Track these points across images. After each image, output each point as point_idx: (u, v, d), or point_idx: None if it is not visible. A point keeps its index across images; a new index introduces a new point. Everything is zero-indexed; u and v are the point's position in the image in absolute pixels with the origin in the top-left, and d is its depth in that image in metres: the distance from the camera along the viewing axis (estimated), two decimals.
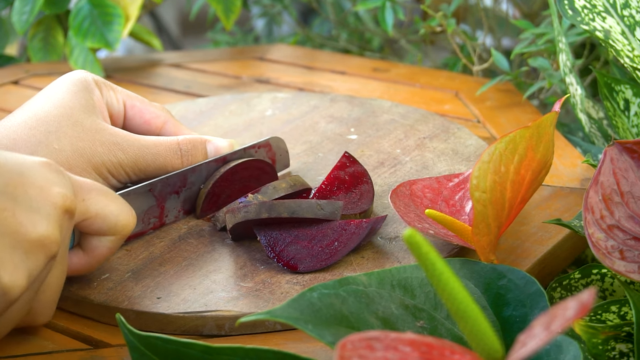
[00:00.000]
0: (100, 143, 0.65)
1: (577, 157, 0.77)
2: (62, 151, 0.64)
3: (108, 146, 0.66)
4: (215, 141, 0.70)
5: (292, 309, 0.49)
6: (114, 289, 0.61)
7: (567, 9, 0.72)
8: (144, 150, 0.67)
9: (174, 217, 0.68)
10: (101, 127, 0.66)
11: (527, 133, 0.57)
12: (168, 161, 0.68)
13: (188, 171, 0.68)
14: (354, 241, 0.62)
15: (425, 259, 0.44)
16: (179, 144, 0.68)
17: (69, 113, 0.66)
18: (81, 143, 0.65)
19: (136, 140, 0.67)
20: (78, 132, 0.65)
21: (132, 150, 0.66)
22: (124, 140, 0.66)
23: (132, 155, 0.66)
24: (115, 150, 0.66)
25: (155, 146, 0.67)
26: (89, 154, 0.65)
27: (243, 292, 0.60)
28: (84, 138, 0.65)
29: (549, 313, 0.42)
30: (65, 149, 0.64)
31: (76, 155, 0.65)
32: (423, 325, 0.52)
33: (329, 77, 0.98)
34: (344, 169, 0.69)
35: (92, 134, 0.65)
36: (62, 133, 0.65)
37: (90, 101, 0.67)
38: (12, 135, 0.65)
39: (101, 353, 0.57)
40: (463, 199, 0.66)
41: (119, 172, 0.66)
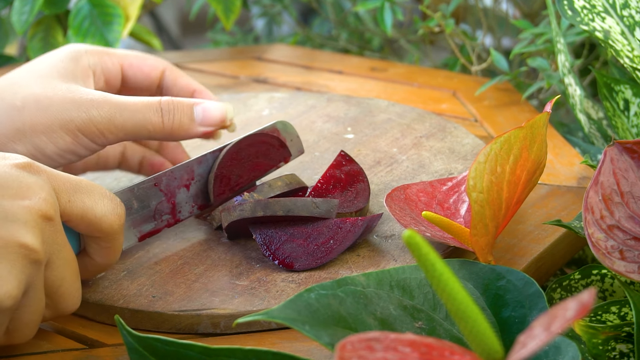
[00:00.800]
0: (71, 100, 0.63)
1: (575, 156, 0.77)
2: (24, 109, 0.62)
3: (79, 103, 0.63)
4: (204, 104, 0.66)
5: (290, 310, 0.48)
6: (110, 288, 0.61)
7: (566, 9, 0.72)
8: (120, 106, 0.63)
9: (189, 212, 0.66)
10: (74, 88, 0.64)
11: (521, 133, 0.57)
12: (147, 118, 0.63)
13: (193, 162, 0.66)
14: (349, 239, 0.62)
15: (425, 259, 0.44)
16: (160, 102, 0.64)
17: (43, 79, 0.64)
18: (47, 101, 0.62)
19: (113, 98, 0.64)
20: (47, 91, 0.63)
21: (108, 106, 0.63)
22: (100, 97, 0.63)
23: (107, 112, 0.63)
24: (87, 107, 0.63)
25: (134, 103, 0.64)
26: (56, 111, 0.62)
27: (238, 290, 0.60)
28: (52, 97, 0.63)
29: (549, 313, 0.42)
30: (29, 106, 0.62)
31: (40, 113, 0.62)
32: (421, 326, 0.52)
33: (326, 77, 0.98)
34: (339, 168, 0.69)
35: (63, 92, 0.63)
36: (29, 92, 0.63)
37: (71, 69, 0.65)
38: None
39: (97, 353, 0.57)
40: (457, 202, 0.66)
41: (92, 130, 0.63)
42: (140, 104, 0.64)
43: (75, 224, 0.55)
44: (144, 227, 0.63)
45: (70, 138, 0.63)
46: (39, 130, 0.62)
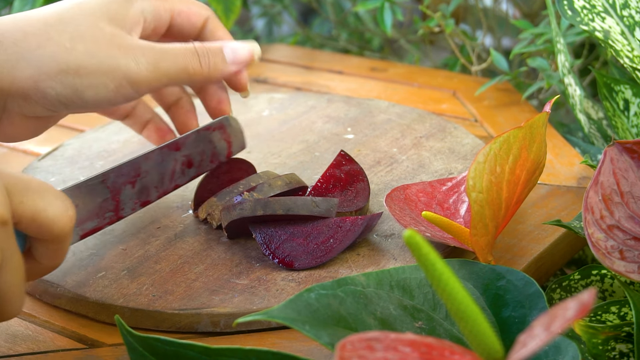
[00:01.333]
0: (118, 46, 0.62)
1: (574, 156, 0.77)
2: (72, 50, 0.61)
3: (126, 49, 0.62)
4: (232, 45, 0.67)
5: (290, 310, 0.48)
6: (110, 287, 0.61)
7: (566, 9, 0.72)
8: (163, 52, 0.63)
9: (131, 209, 0.64)
10: (121, 35, 0.63)
11: (521, 133, 0.57)
12: (188, 62, 0.64)
13: (141, 159, 0.64)
14: (349, 238, 0.62)
15: (425, 259, 0.44)
16: (194, 46, 0.65)
17: (91, 18, 0.62)
18: (95, 46, 0.61)
19: (156, 45, 0.63)
20: (96, 36, 0.61)
21: (152, 53, 0.63)
22: (145, 45, 0.63)
23: (153, 58, 0.63)
24: (134, 54, 0.62)
25: (175, 48, 0.64)
26: (104, 57, 0.61)
27: (238, 289, 0.60)
28: (100, 42, 0.61)
29: (549, 313, 0.42)
30: (77, 48, 0.61)
31: (87, 57, 0.61)
32: (421, 325, 0.52)
33: (326, 77, 0.98)
34: (339, 167, 0.69)
35: (110, 37, 0.62)
36: (78, 34, 0.61)
37: (122, 13, 0.64)
38: (26, 28, 0.61)
39: (96, 352, 0.57)
40: (457, 202, 0.66)
41: (137, 78, 0.62)
42: (181, 49, 0.64)
43: (25, 226, 0.51)
44: (87, 225, 0.62)
45: (114, 85, 0.62)
46: (82, 73, 0.61)
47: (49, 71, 0.60)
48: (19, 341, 0.59)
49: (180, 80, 0.64)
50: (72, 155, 0.81)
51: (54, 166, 0.79)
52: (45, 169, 0.78)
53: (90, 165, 0.78)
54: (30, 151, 0.86)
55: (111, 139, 0.83)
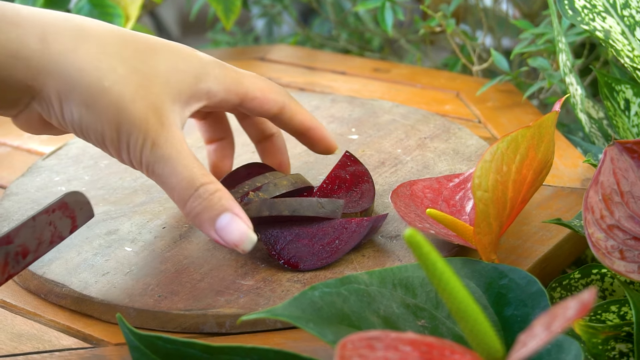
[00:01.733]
0: (145, 119, 0.58)
1: (578, 157, 0.77)
2: (108, 91, 0.57)
3: (148, 124, 0.57)
4: (233, 219, 0.58)
5: (294, 308, 0.49)
6: (115, 287, 0.61)
7: (567, 9, 0.72)
8: (172, 164, 0.58)
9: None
10: (164, 108, 0.59)
11: (529, 133, 0.57)
12: (181, 191, 0.58)
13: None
14: (354, 239, 0.62)
15: (425, 258, 0.44)
16: (200, 186, 0.58)
17: (150, 76, 0.59)
18: (130, 102, 0.57)
19: (177, 151, 0.58)
20: (139, 93, 0.58)
21: (161, 151, 0.58)
22: (168, 139, 0.58)
23: (157, 155, 0.58)
24: (152, 133, 0.58)
25: (185, 171, 0.58)
26: (127, 114, 0.57)
27: (244, 290, 0.60)
28: (137, 100, 0.58)
29: (550, 313, 0.42)
30: (112, 91, 0.57)
31: (114, 106, 0.57)
32: (424, 324, 0.52)
33: (329, 78, 0.99)
34: (344, 168, 0.69)
35: (151, 103, 0.58)
36: (125, 79, 0.58)
37: (184, 87, 0.60)
38: (79, 41, 0.58)
39: (102, 352, 0.57)
40: (463, 199, 0.66)
41: (130, 156, 0.58)
42: (188, 178, 0.58)
43: None
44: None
45: (110, 140, 0.59)
46: (98, 113, 0.58)
47: (77, 98, 0.58)
48: (24, 340, 0.59)
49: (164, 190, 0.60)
50: (76, 154, 0.81)
51: (58, 165, 0.79)
52: (49, 168, 0.79)
53: (95, 165, 0.78)
54: (34, 150, 0.87)
55: None
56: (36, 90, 0.58)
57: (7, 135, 0.90)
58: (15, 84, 0.57)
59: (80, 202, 0.60)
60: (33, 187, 0.76)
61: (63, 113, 0.58)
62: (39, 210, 0.58)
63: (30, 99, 0.58)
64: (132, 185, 0.74)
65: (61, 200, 0.59)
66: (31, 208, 0.72)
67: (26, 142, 0.88)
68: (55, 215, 0.59)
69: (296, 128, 0.67)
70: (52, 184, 0.76)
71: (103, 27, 0.60)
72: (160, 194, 0.72)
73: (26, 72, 0.57)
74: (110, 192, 0.74)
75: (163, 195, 0.72)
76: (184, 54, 0.61)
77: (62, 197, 0.59)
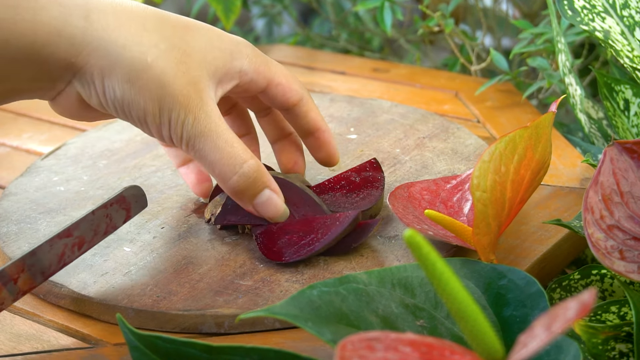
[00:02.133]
0: (187, 94, 0.59)
1: (577, 157, 0.77)
2: (151, 67, 0.58)
3: (189, 100, 0.59)
4: (273, 194, 0.62)
5: (292, 307, 0.49)
6: (114, 287, 0.61)
7: (566, 9, 0.72)
8: (218, 137, 0.60)
9: (12, 300, 0.58)
10: (202, 86, 0.60)
11: (526, 133, 0.57)
12: (228, 167, 0.60)
13: (27, 256, 0.59)
14: (335, 232, 0.62)
15: (425, 259, 0.44)
16: (246, 163, 0.61)
17: (186, 53, 0.60)
18: (170, 76, 0.59)
19: (223, 128, 0.60)
20: (178, 68, 0.59)
21: (207, 127, 0.59)
22: (211, 115, 0.60)
23: (201, 129, 0.59)
24: (194, 110, 0.59)
25: (233, 147, 0.60)
26: (167, 91, 0.59)
27: (242, 290, 0.60)
28: (178, 76, 0.59)
29: (550, 313, 0.42)
30: (156, 66, 0.58)
31: (155, 82, 0.58)
32: (423, 324, 0.52)
33: (329, 77, 0.98)
34: (359, 172, 0.69)
35: (189, 81, 0.59)
36: (163, 55, 0.59)
37: (219, 64, 0.61)
38: (123, 19, 0.58)
39: (100, 352, 0.57)
40: (461, 200, 0.66)
41: (173, 132, 0.60)
42: (237, 154, 0.60)
43: None
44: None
45: (152, 117, 0.60)
46: (141, 91, 0.59)
47: (120, 74, 0.58)
48: (23, 340, 0.59)
49: (200, 165, 0.63)
50: (75, 154, 0.81)
51: (57, 165, 0.79)
52: (48, 168, 0.78)
53: (93, 165, 0.78)
54: (33, 150, 0.87)
55: (114, 138, 0.83)
56: (78, 67, 0.58)
57: (6, 136, 0.90)
58: (57, 61, 0.57)
59: (137, 195, 0.64)
60: (32, 187, 0.75)
61: (105, 90, 0.58)
62: (98, 205, 0.61)
63: (72, 76, 0.58)
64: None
65: (120, 195, 0.62)
66: (30, 208, 0.72)
67: (25, 142, 0.88)
68: (112, 208, 0.62)
69: (308, 125, 0.68)
70: (50, 184, 0.76)
71: (141, 6, 0.61)
72: (158, 194, 0.72)
73: (69, 50, 0.57)
74: (109, 192, 0.73)
75: (161, 196, 0.72)
76: (217, 32, 0.63)
77: (121, 192, 0.62)
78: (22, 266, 0.58)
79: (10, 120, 0.93)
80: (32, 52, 0.57)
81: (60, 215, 0.70)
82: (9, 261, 0.59)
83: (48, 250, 0.59)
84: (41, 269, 0.59)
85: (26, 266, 0.58)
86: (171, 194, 0.72)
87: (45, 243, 0.59)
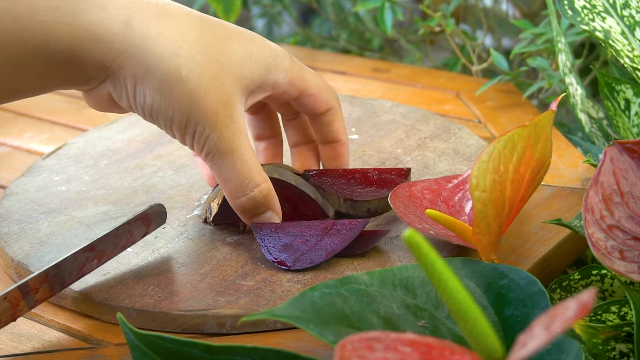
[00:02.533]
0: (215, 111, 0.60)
1: (578, 157, 0.77)
2: (184, 80, 0.59)
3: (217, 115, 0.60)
4: (274, 217, 0.64)
5: (294, 308, 0.49)
6: (115, 287, 0.62)
7: (566, 9, 0.72)
8: (237, 156, 0.61)
9: (29, 308, 0.59)
10: (232, 102, 0.60)
11: (525, 132, 0.57)
12: (239, 188, 0.62)
13: (51, 269, 0.60)
14: (345, 240, 0.62)
15: (425, 259, 0.44)
16: (260, 188, 0.62)
17: (222, 64, 0.60)
18: (201, 90, 0.59)
19: (245, 147, 0.61)
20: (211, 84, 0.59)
21: (228, 144, 0.60)
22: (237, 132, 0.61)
23: (223, 146, 0.60)
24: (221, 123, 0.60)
25: (248, 169, 0.61)
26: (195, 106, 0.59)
27: (244, 290, 0.60)
28: (209, 91, 0.60)
29: (550, 313, 0.42)
30: (188, 79, 0.59)
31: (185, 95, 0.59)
32: (424, 324, 0.52)
33: (329, 77, 0.99)
34: (382, 173, 0.68)
35: (220, 98, 0.60)
36: (196, 70, 0.59)
37: (254, 78, 0.62)
38: (163, 26, 0.59)
39: (102, 352, 0.57)
40: (462, 199, 0.66)
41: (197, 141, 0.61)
42: (250, 177, 0.62)
43: None
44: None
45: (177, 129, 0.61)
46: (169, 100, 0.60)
47: (153, 83, 0.58)
48: (24, 340, 0.59)
49: (218, 181, 0.63)
50: (76, 154, 0.81)
51: (58, 165, 0.79)
52: (49, 168, 0.79)
53: (95, 165, 0.78)
54: (34, 150, 0.87)
55: (115, 137, 0.84)
56: (112, 71, 0.58)
57: (7, 135, 0.90)
58: (93, 64, 0.58)
59: (158, 213, 0.65)
60: (33, 187, 0.76)
61: (135, 96, 0.59)
62: (123, 222, 0.63)
63: (105, 77, 0.59)
64: (132, 185, 0.74)
65: (144, 213, 0.63)
66: (31, 208, 0.72)
67: (26, 142, 0.88)
68: (135, 224, 0.63)
69: (330, 135, 0.68)
70: (52, 183, 0.76)
71: (184, 12, 0.61)
72: (160, 194, 0.72)
73: (106, 54, 0.58)
74: (110, 192, 0.74)
75: (163, 196, 0.72)
76: (257, 43, 0.63)
77: (146, 210, 0.63)
78: (45, 278, 0.59)
79: (11, 120, 0.93)
80: (69, 55, 0.57)
81: (61, 215, 0.71)
82: (30, 273, 0.60)
83: (71, 262, 0.60)
84: (61, 279, 0.60)
85: (49, 278, 0.59)
86: (173, 194, 0.72)
87: (69, 256, 0.60)
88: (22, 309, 0.58)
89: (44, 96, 0.99)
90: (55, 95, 0.99)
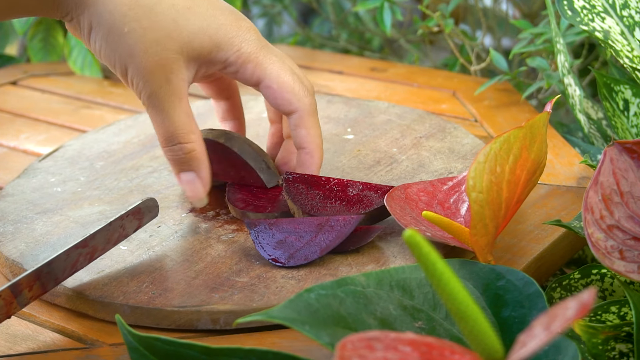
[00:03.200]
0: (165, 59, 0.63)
1: (574, 156, 0.77)
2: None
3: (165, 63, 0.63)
4: (197, 179, 0.65)
5: (290, 310, 0.48)
6: (109, 285, 0.61)
7: (566, 9, 0.72)
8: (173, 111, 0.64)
9: (23, 304, 0.59)
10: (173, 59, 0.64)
11: (521, 133, 0.57)
12: (160, 139, 0.65)
13: (44, 266, 0.60)
14: (339, 237, 0.62)
15: (425, 259, 0.44)
16: (178, 144, 0.64)
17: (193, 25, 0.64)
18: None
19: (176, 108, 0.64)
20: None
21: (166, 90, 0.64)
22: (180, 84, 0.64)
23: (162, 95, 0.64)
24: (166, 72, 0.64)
25: (167, 124, 0.64)
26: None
27: (238, 286, 0.60)
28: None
29: (549, 313, 0.42)
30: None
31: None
32: (421, 325, 0.52)
33: (327, 77, 0.98)
34: (366, 189, 0.66)
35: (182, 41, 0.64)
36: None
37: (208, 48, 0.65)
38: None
39: (97, 352, 0.57)
40: (458, 201, 0.66)
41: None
42: (172, 130, 0.64)
43: None
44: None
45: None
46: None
47: (101, 32, 0.63)
48: (18, 341, 0.59)
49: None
50: (72, 155, 0.81)
51: (54, 166, 0.79)
52: (45, 170, 0.78)
53: (91, 166, 0.78)
54: (30, 151, 0.86)
55: (111, 140, 0.83)
56: (76, 14, 0.64)
57: (4, 136, 0.89)
58: (66, 2, 0.63)
59: (150, 206, 0.66)
60: (29, 188, 0.75)
61: (89, 39, 0.64)
62: (115, 217, 0.63)
63: (76, 16, 0.64)
64: (127, 186, 0.74)
65: (136, 207, 0.64)
66: (26, 208, 0.72)
67: (22, 143, 0.88)
68: (127, 219, 0.64)
69: (295, 139, 0.68)
70: (47, 185, 0.76)
71: None
72: (155, 194, 0.72)
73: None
74: (105, 192, 0.73)
75: (158, 195, 0.72)
76: (222, 19, 0.65)
77: (138, 204, 0.64)
78: (38, 276, 0.59)
79: (7, 121, 0.93)
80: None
81: (56, 215, 0.70)
82: (24, 272, 0.60)
83: (64, 259, 0.61)
84: (54, 276, 0.61)
85: (42, 275, 0.60)
86: (168, 194, 0.72)
87: (62, 253, 0.61)
88: (15, 308, 0.58)
89: (41, 97, 0.99)
90: (52, 96, 0.99)
